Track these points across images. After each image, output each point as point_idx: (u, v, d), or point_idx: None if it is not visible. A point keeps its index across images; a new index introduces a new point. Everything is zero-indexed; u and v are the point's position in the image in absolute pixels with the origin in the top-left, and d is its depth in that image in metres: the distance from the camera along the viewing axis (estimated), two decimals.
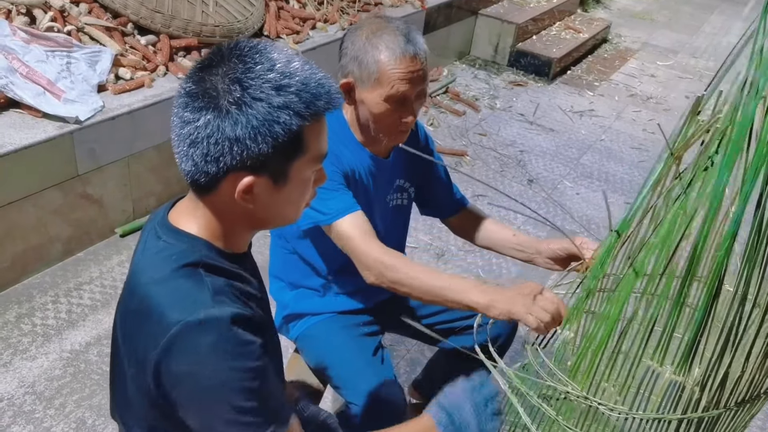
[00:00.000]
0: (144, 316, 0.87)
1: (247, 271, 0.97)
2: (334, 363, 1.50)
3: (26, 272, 2.40)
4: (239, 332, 0.85)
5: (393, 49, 1.32)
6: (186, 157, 0.87)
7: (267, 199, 0.90)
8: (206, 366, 0.84)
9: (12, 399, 1.98)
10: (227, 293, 0.88)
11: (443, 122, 4.00)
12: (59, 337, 2.20)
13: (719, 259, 0.76)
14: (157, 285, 0.88)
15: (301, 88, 0.85)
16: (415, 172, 1.62)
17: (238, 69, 0.84)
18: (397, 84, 1.33)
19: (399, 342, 2.35)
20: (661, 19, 6.75)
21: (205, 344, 0.83)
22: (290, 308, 1.59)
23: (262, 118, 0.83)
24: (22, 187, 2.25)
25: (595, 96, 4.75)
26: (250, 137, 0.83)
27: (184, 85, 0.87)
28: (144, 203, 2.75)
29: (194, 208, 0.93)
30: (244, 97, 0.83)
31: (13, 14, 2.56)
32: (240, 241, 0.97)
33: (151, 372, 0.86)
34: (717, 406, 0.88)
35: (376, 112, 1.37)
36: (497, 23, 4.90)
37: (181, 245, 0.91)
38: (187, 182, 0.90)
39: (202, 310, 0.84)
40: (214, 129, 0.83)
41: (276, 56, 0.86)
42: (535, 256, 1.54)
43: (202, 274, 0.88)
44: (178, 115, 0.87)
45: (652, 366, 0.91)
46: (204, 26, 2.97)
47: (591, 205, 3.40)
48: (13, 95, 2.28)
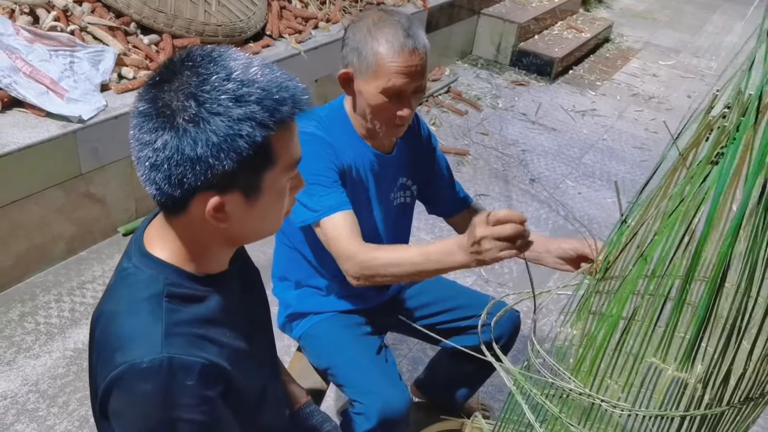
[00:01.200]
0: (101, 346, 0.86)
1: (223, 292, 0.92)
2: (338, 362, 1.50)
3: (29, 271, 2.41)
4: (183, 383, 0.81)
5: (392, 42, 1.32)
6: (149, 180, 0.81)
7: (241, 215, 0.85)
8: (138, 411, 0.82)
9: (16, 397, 1.99)
10: (183, 334, 0.84)
11: (445, 122, 4.00)
12: (62, 336, 2.21)
13: (721, 255, 0.77)
14: (117, 317, 0.85)
15: (263, 96, 0.78)
16: (417, 170, 1.61)
17: (191, 82, 0.78)
18: (394, 77, 1.32)
19: (401, 341, 2.35)
20: (663, 19, 6.75)
21: (142, 391, 0.80)
22: (293, 307, 1.59)
23: (222, 134, 0.77)
24: (26, 186, 2.26)
25: (597, 95, 4.75)
26: (213, 155, 0.77)
27: (137, 104, 0.81)
28: (146, 202, 2.76)
29: (164, 230, 0.89)
30: (200, 113, 0.77)
31: (16, 14, 2.57)
32: (216, 260, 0.93)
33: (98, 400, 0.86)
34: (720, 404, 0.88)
35: (372, 104, 1.37)
36: (499, 23, 4.90)
37: (149, 271, 0.87)
38: (157, 204, 0.86)
39: (148, 355, 0.80)
40: (173, 150, 0.77)
41: (232, 64, 0.79)
42: (544, 255, 1.48)
43: (163, 308, 0.84)
44: (134, 137, 0.81)
45: (654, 363, 0.91)
46: (206, 26, 2.98)
47: (593, 205, 3.40)
48: (17, 94, 2.29)
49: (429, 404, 1.98)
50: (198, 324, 0.87)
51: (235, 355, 0.90)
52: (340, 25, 3.61)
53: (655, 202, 0.90)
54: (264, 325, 1.13)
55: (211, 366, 0.84)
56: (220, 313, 0.91)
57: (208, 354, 0.85)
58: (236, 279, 0.99)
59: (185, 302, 0.87)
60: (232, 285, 0.96)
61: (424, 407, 1.97)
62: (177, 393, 0.81)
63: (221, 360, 0.86)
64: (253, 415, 0.99)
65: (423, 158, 1.62)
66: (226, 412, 0.88)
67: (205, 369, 0.83)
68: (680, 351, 0.87)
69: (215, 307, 0.90)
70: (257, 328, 1.06)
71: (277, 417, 1.12)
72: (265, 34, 3.29)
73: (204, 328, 0.87)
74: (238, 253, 1.01)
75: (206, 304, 0.89)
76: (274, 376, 1.14)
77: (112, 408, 0.84)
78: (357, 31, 1.36)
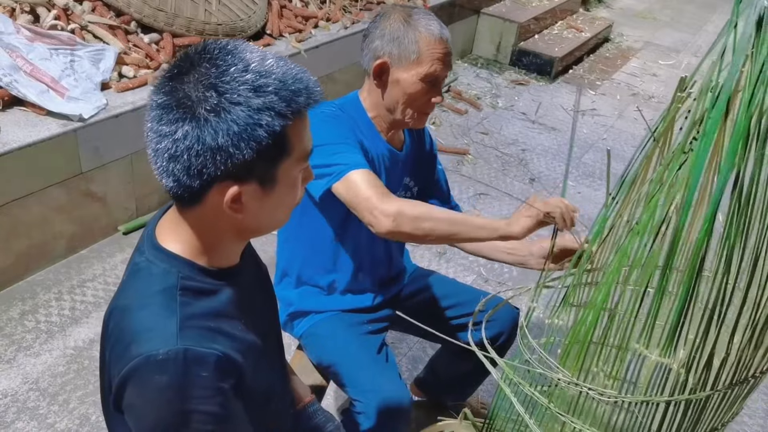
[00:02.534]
0: (116, 341, 0.86)
1: (235, 286, 0.93)
2: (339, 361, 1.51)
3: (30, 269, 2.42)
4: (198, 375, 0.82)
5: (432, 31, 1.40)
6: (166, 172, 0.83)
7: (256, 205, 0.86)
8: (153, 403, 0.82)
9: (16, 395, 1.99)
10: (197, 327, 0.85)
11: (445, 121, 4.00)
12: (63, 334, 2.21)
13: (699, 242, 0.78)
14: (131, 311, 0.86)
15: (280, 87, 0.81)
16: (420, 173, 1.64)
17: (211, 74, 0.80)
18: (436, 63, 1.41)
19: (400, 340, 2.36)
20: (664, 19, 6.75)
21: (157, 382, 0.81)
22: (295, 306, 1.59)
23: (243, 123, 0.79)
24: (26, 185, 2.26)
25: (597, 95, 4.76)
26: (233, 144, 0.79)
27: (154, 97, 0.82)
28: (147, 201, 2.76)
29: (177, 223, 0.90)
30: (221, 103, 0.78)
31: (16, 12, 2.57)
32: (228, 254, 0.94)
33: (113, 394, 0.86)
34: (704, 388, 0.89)
35: (410, 92, 1.42)
36: (499, 22, 4.90)
37: (162, 265, 0.88)
38: (171, 196, 0.87)
39: (163, 347, 0.81)
40: (194, 140, 0.79)
41: (249, 56, 0.81)
42: (527, 258, 1.54)
43: (177, 302, 0.85)
44: (152, 129, 0.82)
45: (638, 350, 0.92)
46: (207, 24, 2.98)
47: (593, 204, 3.40)
48: (17, 93, 2.29)
49: (429, 403, 1.99)
50: (211, 317, 0.88)
51: (247, 349, 0.91)
52: (340, 25, 3.62)
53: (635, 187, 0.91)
54: (273, 322, 1.13)
55: (225, 358, 0.85)
56: (232, 306, 0.92)
57: (222, 346, 0.85)
58: (247, 274, 1.00)
59: (198, 295, 0.88)
60: (243, 279, 0.97)
61: (423, 406, 1.98)
62: (192, 385, 0.82)
63: (234, 353, 0.87)
64: (261, 413, 0.99)
65: (426, 162, 1.66)
66: (238, 405, 0.89)
67: (220, 361, 0.84)
68: (662, 337, 0.88)
69: (228, 301, 0.91)
70: (268, 324, 1.06)
71: (283, 416, 1.12)
72: (266, 33, 3.30)
73: (217, 321, 0.88)
74: (247, 250, 1.02)
75: (219, 298, 0.90)
76: (283, 374, 1.14)
77: (126, 400, 0.84)
78: (391, 22, 1.42)
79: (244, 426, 0.91)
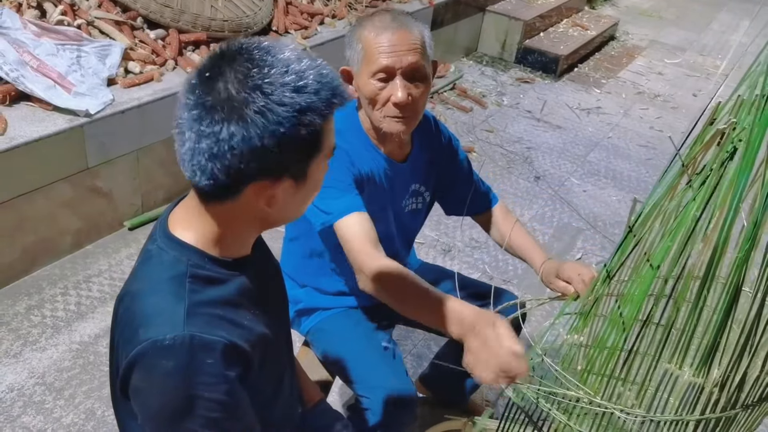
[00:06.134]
0: (125, 324, 0.88)
1: (246, 276, 0.94)
2: (345, 357, 1.51)
3: (36, 264, 2.42)
4: (203, 361, 0.83)
5: (377, 26, 1.32)
6: (203, 170, 0.82)
7: (287, 200, 0.88)
8: (158, 388, 0.83)
9: (22, 389, 2.00)
10: (205, 314, 0.85)
11: (450, 118, 4.00)
12: (69, 329, 2.22)
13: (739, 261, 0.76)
14: (140, 296, 0.87)
15: (318, 87, 0.82)
16: (433, 177, 1.60)
17: (253, 74, 0.80)
18: (380, 57, 1.31)
19: (405, 337, 2.36)
20: (669, 17, 6.73)
21: (163, 367, 0.82)
22: (303, 303, 1.59)
23: (288, 124, 0.80)
24: (33, 180, 2.27)
25: (603, 93, 4.74)
26: (278, 144, 0.80)
27: (190, 96, 0.82)
28: (153, 197, 2.76)
29: (193, 214, 0.90)
30: (268, 105, 0.79)
31: (23, 7, 2.57)
32: (243, 244, 0.95)
33: (120, 377, 0.87)
34: (735, 406, 0.88)
35: (366, 94, 1.34)
36: (504, 20, 4.89)
37: (172, 252, 0.89)
38: (197, 191, 0.88)
39: (170, 332, 0.82)
40: (239, 141, 0.79)
41: (286, 55, 0.82)
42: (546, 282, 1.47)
43: (186, 289, 0.86)
44: (192, 129, 0.81)
45: (670, 369, 0.90)
46: (213, 21, 2.98)
47: (598, 203, 3.40)
48: (24, 88, 2.30)
49: (433, 400, 1.99)
50: (220, 305, 0.88)
51: (256, 339, 0.91)
52: (346, 21, 3.61)
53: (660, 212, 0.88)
54: (284, 315, 1.13)
55: (232, 346, 0.86)
56: (242, 296, 0.92)
57: (229, 335, 0.86)
58: (258, 265, 1.01)
59: (208, 284, 0.88)
60: (254, 270, 0.97)
61: (428, 403, 1.98)
62: (197, 371, 0.83)
63: (242, 342, 0.87)
64: (269, 408, 0.99)
65: (441, 166, 1.60)
66: (244, 395, 0.89)
67: (226, 348, 0.85)
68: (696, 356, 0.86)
69: (238, 291, 0.92)
70: (277, 317, 1.06)
71: (290, 413, 1.12)
72: (271, 29, 3.30)
73: (226, 309, 0.89)
74: (258, 242, 1.03)
75: (228, 287, 0.91)
76: (291, 369, 1.14)
77: (133, 385, 0.85)
78: (351, 28, 1.38)
79: (250, 416, 0.91)
